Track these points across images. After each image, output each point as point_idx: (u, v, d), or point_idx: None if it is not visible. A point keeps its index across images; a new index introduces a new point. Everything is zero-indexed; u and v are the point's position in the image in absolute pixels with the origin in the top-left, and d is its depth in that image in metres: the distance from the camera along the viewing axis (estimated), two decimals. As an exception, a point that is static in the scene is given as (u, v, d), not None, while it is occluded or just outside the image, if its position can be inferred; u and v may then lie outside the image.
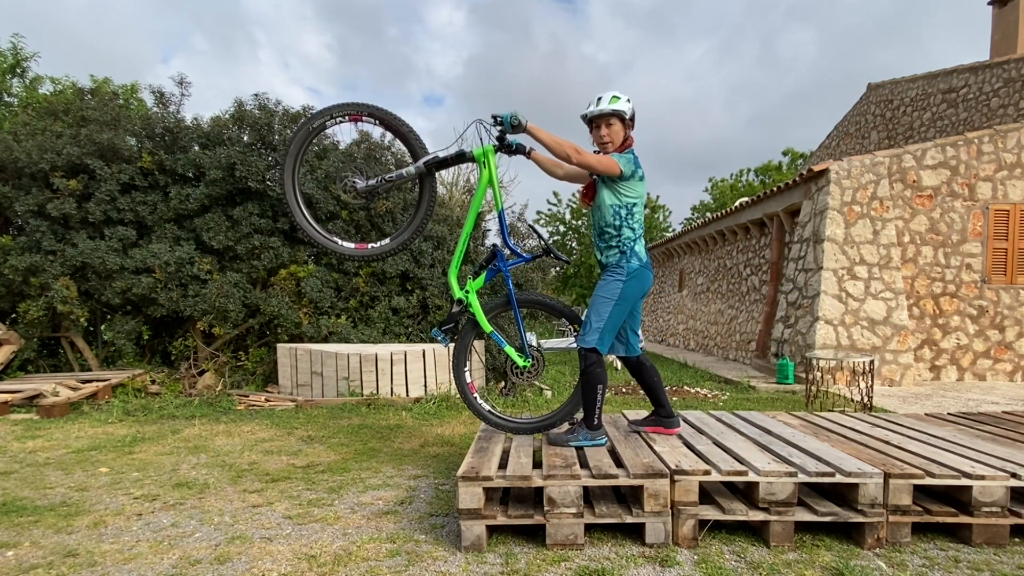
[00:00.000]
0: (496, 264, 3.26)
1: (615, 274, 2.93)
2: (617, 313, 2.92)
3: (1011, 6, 11.18)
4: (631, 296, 2.94)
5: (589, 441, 3.00)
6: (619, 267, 2.93)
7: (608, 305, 2.91)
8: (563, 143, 2.82)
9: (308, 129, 3.14)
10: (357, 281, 7.39)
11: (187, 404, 5.94)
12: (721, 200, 26.16)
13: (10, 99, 11.96)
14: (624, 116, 2.95)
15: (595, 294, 2.98)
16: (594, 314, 2.92)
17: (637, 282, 2.94)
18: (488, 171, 3.11)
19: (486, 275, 3.27)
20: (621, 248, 2.94)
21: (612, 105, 2.92)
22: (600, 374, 2.92)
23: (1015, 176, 8.06)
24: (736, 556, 2.42)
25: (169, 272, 6.68)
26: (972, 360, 8.15)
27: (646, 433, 3.15)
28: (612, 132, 2.96)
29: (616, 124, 2.95)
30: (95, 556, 2.50)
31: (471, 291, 3.23)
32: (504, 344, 3.30)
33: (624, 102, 2.95)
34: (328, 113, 3.12)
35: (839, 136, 14.81)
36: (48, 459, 4.06)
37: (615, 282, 2.92)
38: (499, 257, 3.26)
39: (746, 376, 8.19)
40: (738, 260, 11.24)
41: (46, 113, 7.55)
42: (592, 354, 2.90)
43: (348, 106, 3.12)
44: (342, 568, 2.35)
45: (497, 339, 3.28)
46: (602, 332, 2.91)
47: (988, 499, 2.48)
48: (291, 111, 7.61)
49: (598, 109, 2.93)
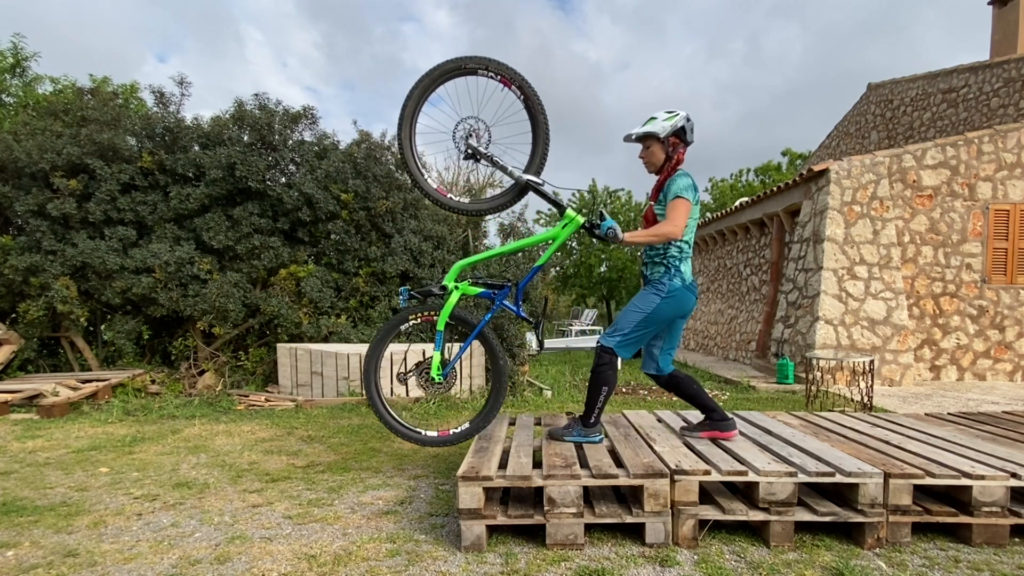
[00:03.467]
0: (495, 294, 3.25)
1: (655, 289, 2.91)
2: (645, 326, 2.90)
3: (1011, 6, 11.18)
4: (665, 314, 2.90)
5: (583, 438, 3.02)
6: (661, 283, 2.91)
7: (639, 316, 2.89)
8: (660, 234, 2.79)
9: (459, 67, 3.07)
10: (357, 281, 7.39)
11: (187, 404, 5.94)
12: (721, 200, 26.17)
13: (10, 99, 11.96)
14: (658, 136, 2.89)
15: (631, 301, 2.97)
16: (623, 320, 2.92)
17: (675, 302, 2.90)
18: (562, 233, 3.09)
19: (481, 292, 3.26)
20: (666, 264, 2.91)
21: (645, 127, 2.93)
22: (609, 376, 2.92)
23: (1015, 176, 8.06)
24: (736, 556, 2.42)
25: (169, 272, 6.68)
26: (972, 360, 8.15)
27: (702, 439, 3.02)
28: (649, 154, 2.96)
29: (654, 146, 2.93)
30: (95, 556, 2.50)
31: (460, 290, 3.21)
32: (438, 348, 3.23)
33: (660, 122, 2.90)
34: (485, 64, 3.05)
35: (839, 136, 14.81)
36: (48, 459, 4.06)
37: (653, 296, 2.90)
38: (503, 293, 3.24)
39: (746, 376, 8.19)
40: (738, 260, 11.24)
41: (46, 113, 7.56)
42: (606, 354, 2.90)
43: (505, 68, 3.05)
44: (342, 568, 2.35)
45: (439, 340, 3.23)
46: (625, 338, 2.90)
47: (988, 499, 2.48)
48: (291, 111, 7.62)
49: (634, 133, 2.95)
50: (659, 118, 2.92)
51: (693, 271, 3.57)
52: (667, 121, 2.91)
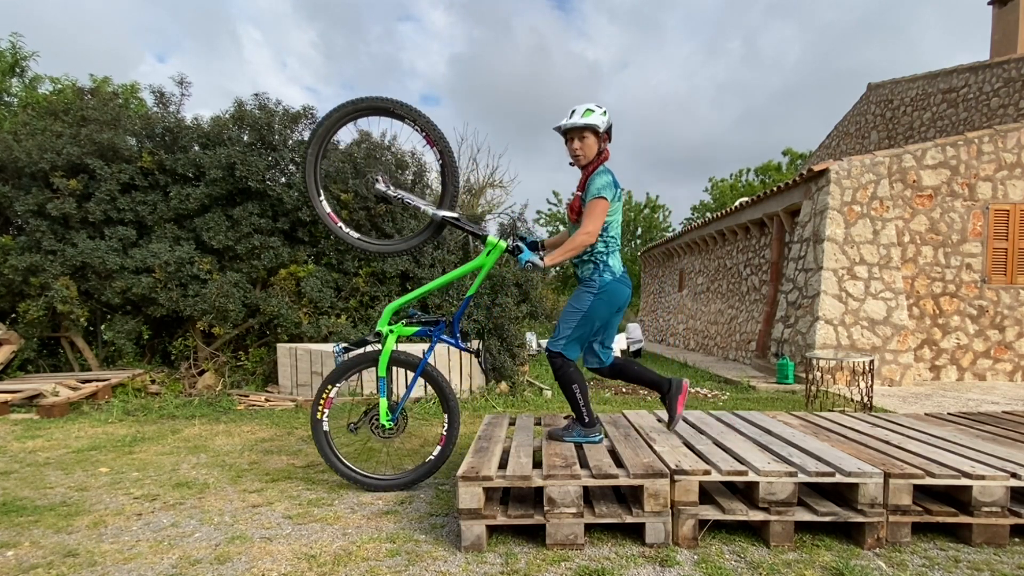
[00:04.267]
0: (432, 331, 3.27)
1: (587, 287, 2.98)
2: (584, 324, 2.97)
3: (1011, 6, 11.18)
4: (601, 310, 2.97)
5: (583, 438, 3.05)
6: (592, 281, 2.98)
7: (577, 315, 2.96)
8: (575, 247, 2.86)
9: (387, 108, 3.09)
10: (357, 281, 7.39)
11: (187, 404, 5.94)
12: (721, 200, 26.19)
13: (10, 99, 11.95)
14: (598, 130, 2.93)
15: (568, 303, 3.03)
16: (563, 323, 2.99)
17: (608, 296, 2.96)
18: (487, 261, 3.13)
19: (417, 331, 3.27)
20: (594, 261, 2.97)
21: (585, 119, 2.91)
22: (572, 374, 2.99)
23: (1015, 176, 8.06)
24: (736, 556, 2.42)
25: (169, 272, 6.68)
26: (972, 360, 8.15)
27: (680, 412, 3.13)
28: (584, 146, 2.96)
29: (589, 138, 2.95)
30: (95, 556, 2.50)
31: (395, 333, 3.21)
32: (383, 395, 3.24)
33: (598, 115, 2.94)
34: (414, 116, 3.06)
35: (839, 136, 14.81)
36: (48, 459, 4.06)
37: (587, 295, 2.97)
38: (439, 328, 3.28)
39: (746, 376, 8.19)
40: (738, 260, 11.24)
41: (46, 113, 7.55)
42: (558, 358, 2.98)
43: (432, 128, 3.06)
44: (342, 568, 2.35)
45: (381, 387, 3.23)
46: (568, 339, 2.98)
47: (988, 499, 2.48)
48: (291, 111, 7.62)
49: (571, 123, 2.93)
50: (596, 111, 2.95)
51: (693, 271, 3.61)
52: (604, 116, 2.96)
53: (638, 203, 25.00)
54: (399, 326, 3.25)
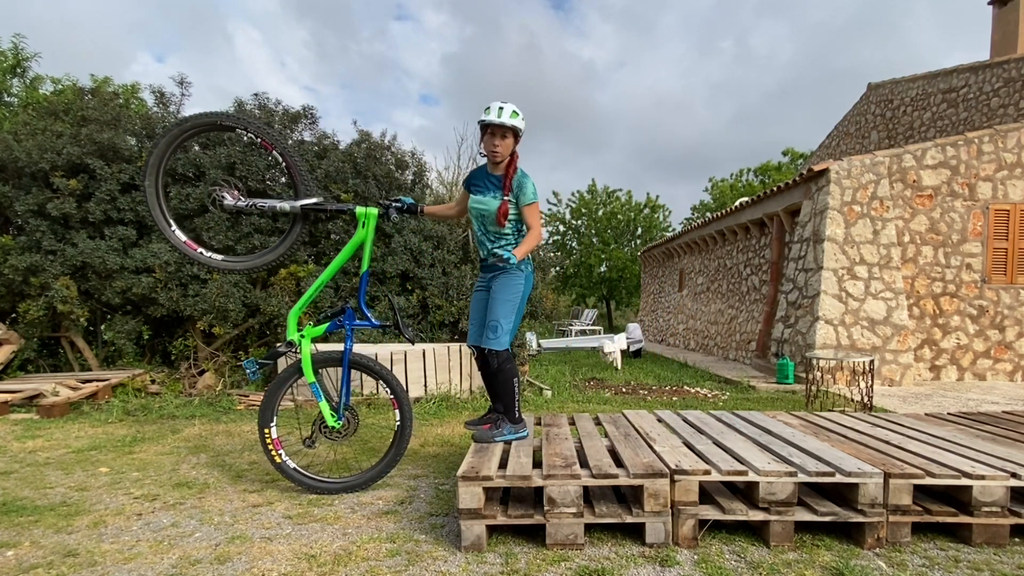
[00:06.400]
0: (342, 320, 3.26)
1: (515, 276, 3.09)
2: (517, 312, 3.13)
3: (1011, 6, 11.18)
4: (526, 295, 3.15)
5: (513, 435, 3.09)
6: (519, 269, 3.10)
7: (510, 305, 3.08)
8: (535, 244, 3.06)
9: (214, 123, 3.08)
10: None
11: (187, 404, 5.94)
12: (721, 200, 26.17)
13: (10, 99, 11.95)
14: (519, 133, 3.07)
15: (496, 296, 3.07)
16: (502, 316, 3.05)
17: (529, 282, 3.15)
18: (366, 232, 3.15)
19: (328, 326, 3.25)
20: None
21: (512, 120, 3.00)
22: (512, 369, 3.08)
23: (1015, 176, 8.06)
24: (736, 556, 2.42)
25: (169, 272, 6.68)
26: (972, 360, 8.15)
27: (482, 429, 3.13)
28: (505, 145, 3.06)
29: (510, 139, 3.07)
30: (95, 556, 2.50)
31: (307, 336, 3.20)
32: (321, 399, 3.23)
33: (520, 120, 3.06)
34: (244, 124, 3.05)
35: (839, 136, 14.81)
36: (48, 459, 4.06)
37: (516, 283, 3.09)
38: (348, 315, 3.26)
39: (746, 376, 8.19)
40: (738, 260, 11.24)
41: (46, 113, 7.55)
42: (503, 353, 3.05)
43: (266, 132, 3.07)
44: (342, 568, 2.35)
45: (316, 392, 3.21)
46: (509, 332, 3.07)
47: (988, 499, 2.48)
48: (291, 111, 7.62)
49: (499, 120, 2.98)
50: (519, 115, 3.05)
51: (693, 270, 3.68)
52: (523, 121, 3.07)
53: (638, 203, 24.97)
54: (308, 328, 3.23)
